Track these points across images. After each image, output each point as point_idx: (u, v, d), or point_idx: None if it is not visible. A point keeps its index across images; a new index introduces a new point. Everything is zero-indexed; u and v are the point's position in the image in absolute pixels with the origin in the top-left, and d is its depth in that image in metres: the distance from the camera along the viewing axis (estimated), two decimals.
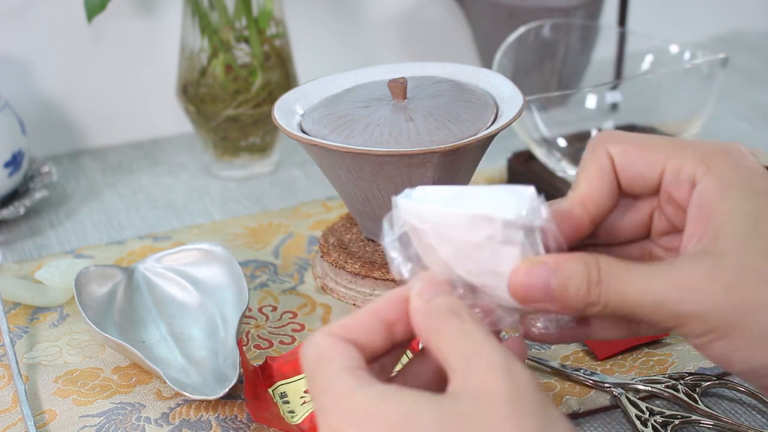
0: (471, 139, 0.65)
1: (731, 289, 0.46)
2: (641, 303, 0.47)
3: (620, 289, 0.47)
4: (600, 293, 0.47)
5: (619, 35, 1.01)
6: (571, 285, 0.47)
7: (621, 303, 0.47)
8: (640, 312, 0.47)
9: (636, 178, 0.51)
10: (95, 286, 0.74)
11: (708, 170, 0.49)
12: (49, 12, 1.00)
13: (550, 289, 0.48)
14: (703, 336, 0.47)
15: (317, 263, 0.74)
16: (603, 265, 0.48)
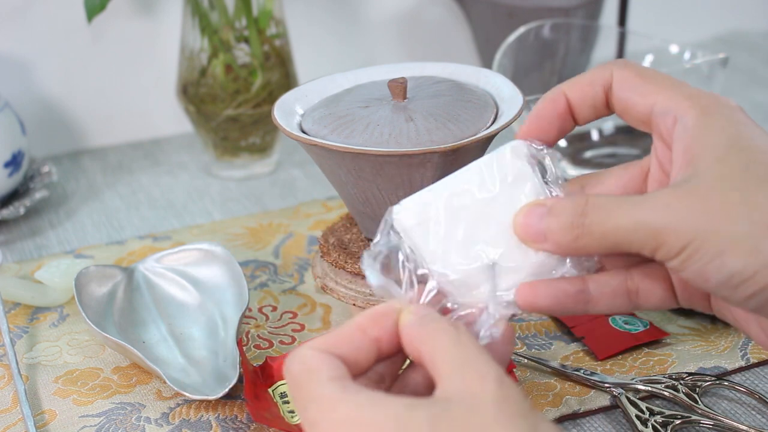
0: (471, 139, 0.65)
1: (706, 200, 0.47)
2: (622, 225, 0.48)
3: (602, 216, 0.49)
4: (584, 223, 0.49)
5: (619, 35, 1.01)
6: (559, 220, 0.50)
7: (603, 230, 0.49)
8: (622, 235, 0.49)
9: (629, 103, 0.53)
10: (95, 286, 0.74)
11: (691, 105, 0.51)
12: (49, 12, 1.00)
13: (543, 228, 0.50)
14: (681, 252, 0.47)
15: (317, 263, 0.74)
16: (591, 199, 0.50)
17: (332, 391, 0.45)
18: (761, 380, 0.68)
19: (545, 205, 0.51)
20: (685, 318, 0.74)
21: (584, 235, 0.49)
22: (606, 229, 0.49)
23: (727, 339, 0.71)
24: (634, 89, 0.52)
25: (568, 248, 0.50)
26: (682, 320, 0.74)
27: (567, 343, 0.72)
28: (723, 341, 0.71)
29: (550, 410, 0.65)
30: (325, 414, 0.44)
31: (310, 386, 0.45)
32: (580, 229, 0.49)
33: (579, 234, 0.49)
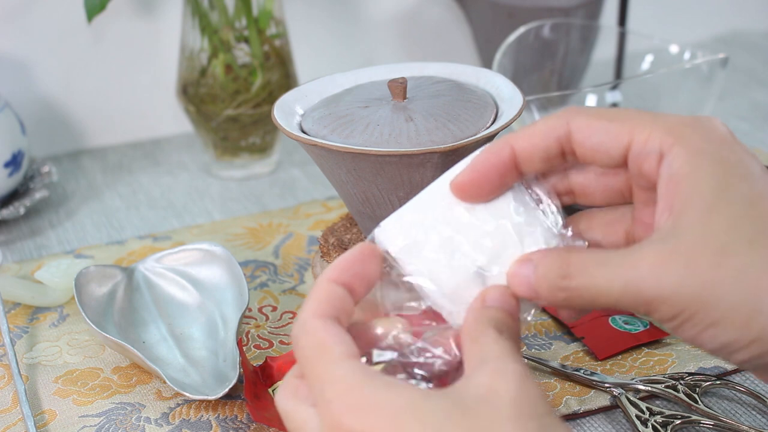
0: (471, 139, 0.65)
1: (694, 267, 0.45)
2: (609, 292, 0.47)
3: (588, 281, 0.47)
4: (570, 286, 0.48)
5: (619, 35, 1.01)
6: (545, 281, 0.48)
7: (592, 294, 0.48)
8: (611, 301, 0.47)
9: (599, 149, 0.49)
10: (95, 286, 0.74)
11: (676, 141, 0.47)
12: (49, 12, 1.00)
13: (532, 285, 0.49)
14: (673, 319, 0.46)
15: (317, 263, 0.74)
16: (574, 259, 0.48)
17: (347, 372, 0.45)
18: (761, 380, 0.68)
19: (531, 260, 0.49)
20: None
21: (573, 298, 0.48)
22: (592, 294, 0.47)
23: None
24: (602, 133, 0.49)
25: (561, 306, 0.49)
26: None
27: (567, 343, 0.72)
28: None
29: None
30: (341, 395, 0.44)
31: (325, 366, 0.45)
32: (567, 292, 0.48)
33: (567, 297, 0.48)
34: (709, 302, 0.45)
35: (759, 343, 0.46)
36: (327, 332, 0.46)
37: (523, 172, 0.51)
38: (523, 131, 0.50)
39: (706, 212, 0.46)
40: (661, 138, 0.48)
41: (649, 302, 0.46)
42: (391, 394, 0.44)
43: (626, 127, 0.49)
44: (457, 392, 0.44)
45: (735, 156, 0.47)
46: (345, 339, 0.46)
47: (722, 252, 0.45)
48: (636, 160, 0.49)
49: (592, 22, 1.03)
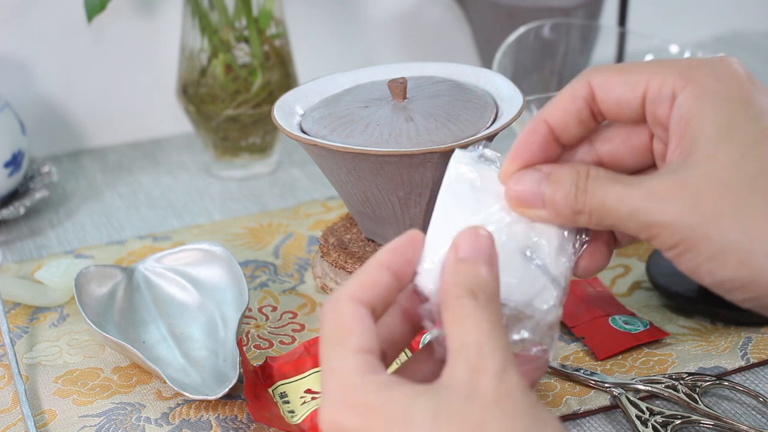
0: (471, 139, 0.65)
1: (697, 199, 0.47)
2: (618, 211, 0.48)
3: (601, 197, 0.48)
4: (585, 201, 0.48)
5: (619, 35, 1.01)
6: (560, 191, 0.49)
7: (602, 211, 0.48)
8: (617, 220, 0.48)
9: (620, 102, 0.51)
10: (95, 286, 0.74)
11: (687, 82, 0.49)
12: (49, 12, 1.00)
13: (542, 193, 0.49)
14: (673, 248, 0.47)
15: (317, 263, 0.74)
16: (592, 173, 0.49)
17: (352, 368, 0.45)
18: (761, 380, 0.68)
19: (540, 170, 0.49)
20: (685, 318, 0.74)
21: (582, 212, 0.48)
22: (602, 212, 0.48)
23: (727, 339, 0.71)
24: (620, 86, 0.50)
25: (564, 219, 0.49)
26: (682, 320, 0.74)
27: (567, 343, 0.72)
28: (723, 341, 0.71)
29: (550, 410, 0.65)
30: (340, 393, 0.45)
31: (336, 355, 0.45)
32: (580, 205, 0.48)
33: (580, 210, 0.48)
34: (708, 236, 0.46)
35: (754, 285, 0.47)
36: (353, 319, 0.46)
37: (564, 142, 0.52)
38: (551, 103, 0.52)
39: (712, 149, 0.47)
40: (674, 82, 0.49)
41: (651, 227, 0.47)
42: (385, 395, 0.44)
43: (643, 76, 0.50)
44: (443, 389, 0.44)
45: (746, 94, 0.48)
46: (367, 330, 0.46)
47: (724, 188, 0.47)
48: (652, 107, 0.50)
49: (592, 22, 1.03)
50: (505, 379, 0.44)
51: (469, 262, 0.47)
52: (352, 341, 0.46)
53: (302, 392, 0.66)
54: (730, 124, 0.48)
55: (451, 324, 0.45)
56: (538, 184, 0.49)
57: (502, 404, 0.43)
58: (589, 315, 0.73)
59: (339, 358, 0.45)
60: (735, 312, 0.72)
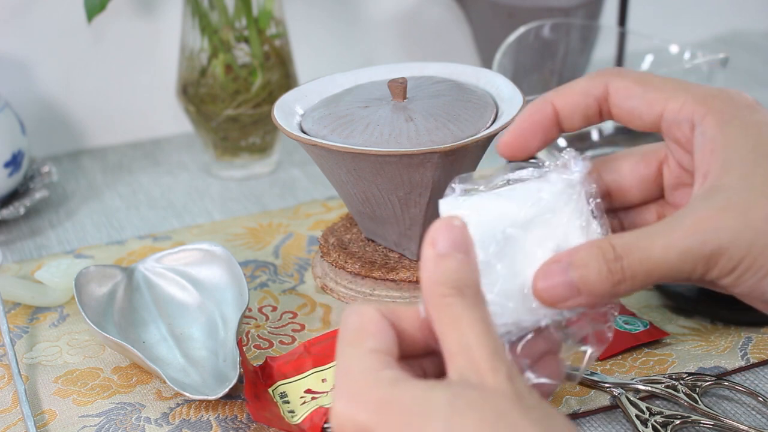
0: (471, 139, 0.65)
1: (747, 215, 0.47)
2: (667, 259, 0.47)
3: (642, 255, 0.47)
4: (622, 267, 0.47)
5: (619, 35, 1.01)
6: (590, 270, 0.47)
7: (647, 269, 0.47)
8: (667, 269, 0.47)
9: (633, 113, 0.52)
10: (95, 286, 0.74)
11: (707, 110, 0.50)
12: (49, 12, 1.00)
13: (573, 282, 0.47)
14: (732, 272, 0.47)
15: (317, 263, 0.74)
16: (616, 241, 0.48)
17: (367, 367, 0.44)
18: (761, 380, 0.68)
19: (560, 260, 0.48)
20: (685, 318, 0.74)
21: (626, 280, 0.47)
22: (649, 268, 0.47)
23: (727, 339, 0.71)
24: (637, 98, 0.51)
25: (604, 296, 0.48)
26: (682, 320, 0.74)
27: None
28: (723, 341, 0.71)
29: None
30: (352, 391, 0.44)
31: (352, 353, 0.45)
32: (619, 274, 0.47)
33: (619, 279, 0.47)
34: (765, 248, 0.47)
35: None
36: (375, 323, 0.45)
37: (564, 128, 0.53)
38: (563, 89, 0.52)
39: (748, 168, 0.48)
40: (693, 108, 0.50)
41: (709, 258, 0.47)
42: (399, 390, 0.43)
43: (661, 95, 0.51)
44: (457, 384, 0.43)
45: (763, 118, 0.50)
46: (386, 333, 0.45)
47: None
48: (669, 126, 0.51)
49: (592, 22, 1.03)
50: (515, 380, 0.43)
51: (450, 257, 0.45)
52: (369, 342, 0.45)
53: (302, 392, 0.66)
54: (759, 145, 0.49)
55: (444, 325, 0.45)
56: (565, 273, 0.48)
57: (517, 397, 0.42)
58: None
59: (354, 356, 0.45)
60: (735, 312, 0.72)
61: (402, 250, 0.71)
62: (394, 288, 0.69)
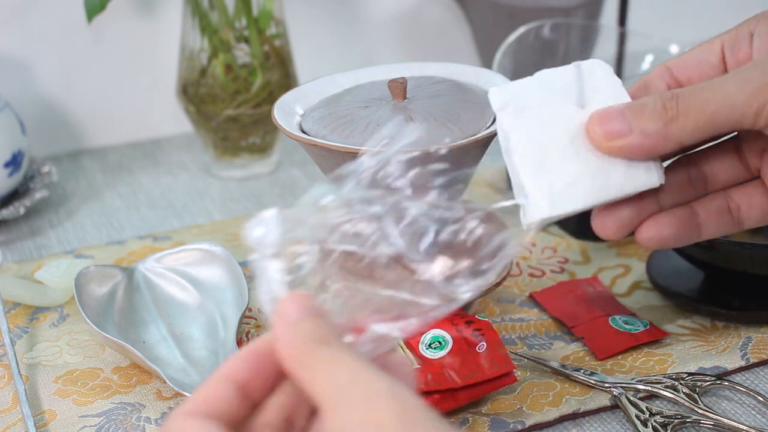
0: (471, 139, 0.65)
1: None
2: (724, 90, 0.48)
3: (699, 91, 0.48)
4: (677, 102, 0.48)
5: (619, 35, 1.01)
6: (646, 107, 0.49)
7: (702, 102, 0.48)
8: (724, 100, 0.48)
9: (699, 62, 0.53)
10: (95, 286, 0.74)
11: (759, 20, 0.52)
12: (49, 12, 1.00)
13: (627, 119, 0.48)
14: None
15: None
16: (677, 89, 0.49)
17: None
18: (761, 380, 0.68)
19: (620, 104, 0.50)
20: (685, 318, 0.74)
21: (679, 115, 0.48)
22: (705, 100, 0.48)
23: (727, 339, 0.71)
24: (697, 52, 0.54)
25: (656, 137, 0.48)
26: (682, 320, 0.74)
27: (567, 343, 0.72)
28: (723, 341, 0.71)
29: (550, 410, 0.65)
30: None
31: None
32: (674, 110, 0.48)
33: (673, 115, 0.48)
34: None
35: None
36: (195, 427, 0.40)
37: None
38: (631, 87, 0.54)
39: None
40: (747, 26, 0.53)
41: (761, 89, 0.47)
42: None
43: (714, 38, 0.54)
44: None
45: None
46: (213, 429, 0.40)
47: None
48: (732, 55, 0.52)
49: (592, 22, 1.03)
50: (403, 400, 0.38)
51: (304, 320, 0.42)
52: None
53: None
54: None
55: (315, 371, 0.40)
56: (621, 114, 0.49)
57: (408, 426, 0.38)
58: (589, 315, 0.73)
59: None
60: (735, 312, 0.72)
61: None
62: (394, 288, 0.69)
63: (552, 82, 0.53)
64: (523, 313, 0.75)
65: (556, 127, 0.52)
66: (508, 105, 0.53)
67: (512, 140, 0.52)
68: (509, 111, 0.53)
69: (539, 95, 0.53)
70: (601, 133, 0.49)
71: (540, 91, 0.53)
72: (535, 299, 0.76)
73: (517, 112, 0.52)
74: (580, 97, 0.52)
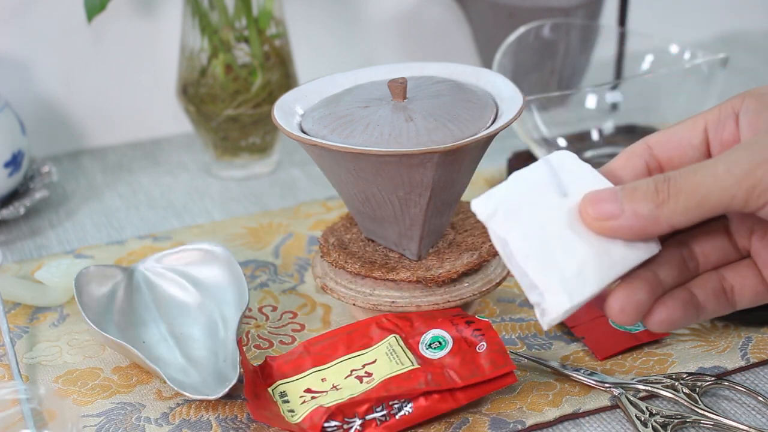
0: (471, 139, 0.65)
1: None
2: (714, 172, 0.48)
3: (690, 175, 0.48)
4: (668, 185, 0.48)
5: (619, 35, 1.01)
6: (638, 189, 0.49)
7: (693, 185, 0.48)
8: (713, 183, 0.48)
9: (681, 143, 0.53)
10: (95, 286, 0.74)
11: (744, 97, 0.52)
12: (49, 12, 1.00)
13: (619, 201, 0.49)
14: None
15: (317, 263, 0.74)
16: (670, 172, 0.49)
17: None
18: (761, 380, 0.68)
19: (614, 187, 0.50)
20: None
21: (670, 197, 0.48)
22: (696, 183, 0.48)
23: (727, 339, 0.71)
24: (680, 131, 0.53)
25: (648, 219, 0.49)
26: None
27: (567, 343, 0.72)
28: (723, 341, 0.71)
29: (550, 410, 0.65)
30: None
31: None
32: (665, 193, 0.48)
33: (664, 198, 0.48)
34: None
35: None
36: None
37: None
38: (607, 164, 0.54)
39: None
40: (731, 104, 0.52)
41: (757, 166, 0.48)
42: None
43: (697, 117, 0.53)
44: None
45: None
46: None
47: None
48: (716, 137, 0.52)
49: (592, 22, 1.03)
50: None
51: None
52: None
53: (302, 392, 0.66)
54: None
55: None
56: (613, 196, 0.50)
57: None
58: (589, 315, 0.73)
59: None
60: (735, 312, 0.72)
61: (402, 250, 0.71)
62: (394, 288, 0.69)
63: (528, 179, 0.54)
64: (523, 313, 0.75)
65: (549, 219, 0.52)
66: (496, 211, 0.52)
67: (511, 244, 0.52)
68: (499, 216, 0.52)
69: (522, 194, 0.53)
70: (593, 215, 0.50)
71: (521, 191, 0.53)
72: None
73: (507, 216, 0.52)
74: (560, 187, 0.53)
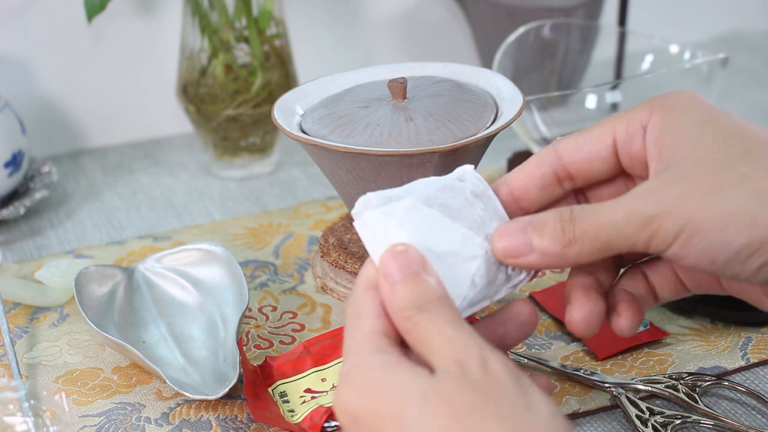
0: (471, 139, 0.65)
1: (694, 180, 0.48)
2: (613, 221, 0.48)
3: (592, 218, 0.49)
4: (574, 228, 0.49)
5: (619, 35, 1.01)
6: (546, 230, 0.50)
7: (595, 229, 0.49)
8: (614, 231, 0.49)
9: (590, 157, 0.53)
10: (95, 286, 0.74)
11: (652, 110, 0.51)
12: (49, 12, 1.00)
13: (528, 241, 0.50)
14: (679, 235, 0.48)
15: (317, 263, 0.74)
16: (575, 207, 0.50)
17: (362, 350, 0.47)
18: (761, 380, 0.68)
19: (522, 220, 0.51)
20: (685, 318, 0.74)
21: (576, 240, 0.49)
22: (598, 228, 0.49)
23: (727, 339, 0.71)
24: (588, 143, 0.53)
25: (555, 257, 0.50)
26: (682, 320, 0.74)
27: (567, 343, 0.72)
28: (723, 341, 0.71)
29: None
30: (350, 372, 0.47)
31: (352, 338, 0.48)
32: (571, 234, 0.49)
33: (570, 239, 0.49)
34: (714, 208, 0.47)
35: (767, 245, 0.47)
36: (366, 304, 0.48)
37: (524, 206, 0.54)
38: (516, 169, 0.54)
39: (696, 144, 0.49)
40: (639, 117, 0.52)
41: (654, 219, 0.48)
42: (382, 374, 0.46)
43: (606, 127, 0.53)
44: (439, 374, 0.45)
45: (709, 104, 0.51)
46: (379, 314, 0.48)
47: (719, 166, 0.48)
48: (625, 149, 0.52)
49: (592, 22, 1.03)
50: (489, 367, 0.45)
51: (402, 283, 0.48)
52: (364, 324, 0.48)
53: (302, 391, 0.66)
54: (705, 121, 0.50)
55: (418, 344, 0.47)
56: (522, 232, 0.50)
57: (490, 390, 0.44)
58: None
59: (353, 340, 0.48)
60: (735, 312, 0.72)
61: None
62: None
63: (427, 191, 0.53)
64: None
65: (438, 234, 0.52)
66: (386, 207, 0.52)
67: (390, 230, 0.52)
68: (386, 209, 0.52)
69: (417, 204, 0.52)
70: (503, 251, 0.51)
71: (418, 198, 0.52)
72: (535, 299, 0.77)
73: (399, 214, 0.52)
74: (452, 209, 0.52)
